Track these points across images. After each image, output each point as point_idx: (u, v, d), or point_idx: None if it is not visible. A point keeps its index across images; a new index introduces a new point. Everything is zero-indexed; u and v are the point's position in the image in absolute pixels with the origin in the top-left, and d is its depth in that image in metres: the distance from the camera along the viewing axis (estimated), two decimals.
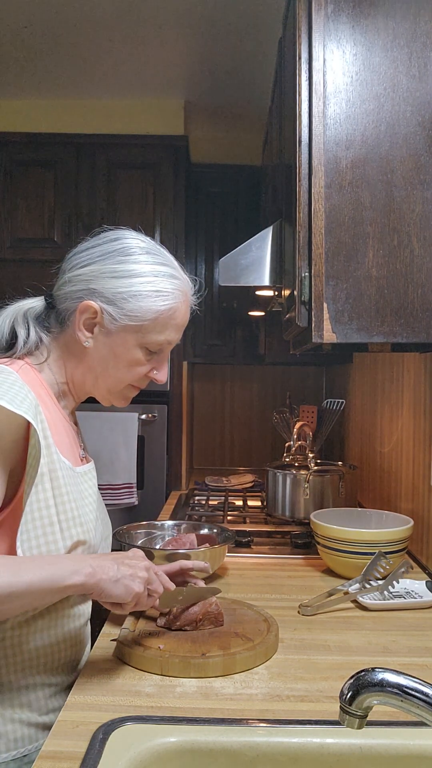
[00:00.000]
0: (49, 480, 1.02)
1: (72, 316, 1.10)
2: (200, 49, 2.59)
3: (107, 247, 1.11)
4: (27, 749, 1.03)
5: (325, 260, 1.30)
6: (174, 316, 1.12)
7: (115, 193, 2.95)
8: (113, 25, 2.41)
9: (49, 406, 1.09)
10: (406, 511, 1.83)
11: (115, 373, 1.13)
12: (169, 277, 1.11)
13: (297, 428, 2.35)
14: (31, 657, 1.04)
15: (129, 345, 1.10)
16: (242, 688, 1.03)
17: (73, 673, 1.13)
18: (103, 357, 1.11)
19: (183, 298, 1.13)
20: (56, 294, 1.13)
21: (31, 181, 2.94)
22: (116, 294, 1.08)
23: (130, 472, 2.83)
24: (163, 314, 1.10)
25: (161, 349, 1.15)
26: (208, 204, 3.21)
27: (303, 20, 1.32)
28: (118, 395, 1.16)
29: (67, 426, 1.15)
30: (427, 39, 1.30)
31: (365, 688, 0.66)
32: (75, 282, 1.10)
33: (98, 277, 1.08)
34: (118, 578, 0.99)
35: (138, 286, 1.08)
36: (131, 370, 1.13)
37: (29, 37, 2.50)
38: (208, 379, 3.61)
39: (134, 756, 0.83)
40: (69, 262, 1.13)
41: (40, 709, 1.05)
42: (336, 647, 1.20)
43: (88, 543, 1.08)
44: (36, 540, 1.00)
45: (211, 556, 1.52)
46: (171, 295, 1.10)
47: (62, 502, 1.03)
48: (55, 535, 1.01)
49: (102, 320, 1.09)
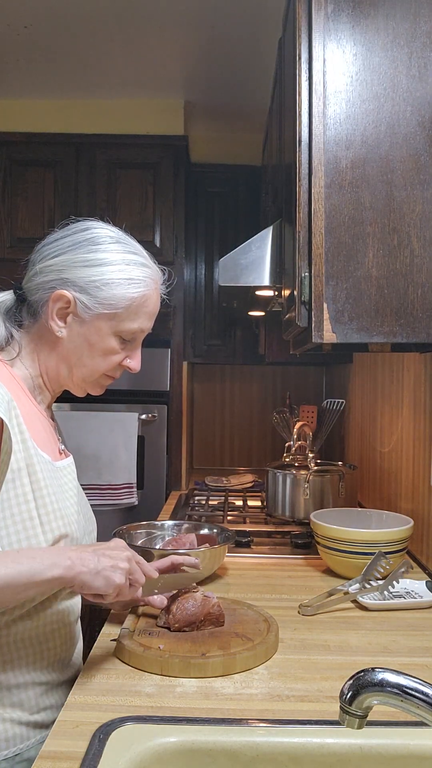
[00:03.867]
0: (27, 474, 1.02)
1: (44, 307, 1.10)
2: (200, 49, 2.59)
3: (77, 237, 1.12)
4: (19, 748, 1.02)
5: (325, 260, 1.30)
6: (146, 304, 1.13)
7: (115, 193, 2.95)
8: (113, 25, 2.41)
9: (23, 402, 1.08)
10: (406, 511, 1.83)
11: (90, 362, 1.13)
12: (140, 265, 1.13)
13: (297, 428, 2.35)
14: (20, 655, 1.04)
15: (103, 333, 1.11)
16: (242, 688, 1.03)
17: (65, 671, 1.12)
18: (78, 346, 1.12)
19: (154, 286, 1.15)
20: (26, 286, 1.14)
21: (31, 181, 2.94)
22: (89, 282, 1.09)
23: (130, 472, 2.83)
24: (135, 301, 1.11)
25: (134, 338, 1.16)
26: (208, 204, 3.21)
27: (303, 20, 1.32)
28: (94, 384, 1.17)
29: (44, 421, 1.14)
30: (427, 39, 1.30)
31: (365, 688, 0.66)
32: (46, 272, 1.10)
33: (70, 267, 1.09)
34: (98, 570, 0.98)
35: (110, 274, 1.09)
36: (106, 359, 1.13)
37: (29, 37, 2.50)
38: (208, 379, 3.61)
39: (134, 756, 0.83)
40: (39, 253, 1.14)
41: (31, 708, 1.05)
42: (336, 647, 1.20)
43: (70, 536, 1.07)
44: (16, 535, 1.00)
45: (211, 556, 1.52)
46: (143, 282, 1.12)
47: (41, 496, 1.03)
48: (35, 529, 1.01)
49: (75, 309, 1.09)
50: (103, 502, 2.77)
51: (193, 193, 3.17)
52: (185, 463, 3.11)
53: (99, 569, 0.98)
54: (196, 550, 1.48)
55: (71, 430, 2.80)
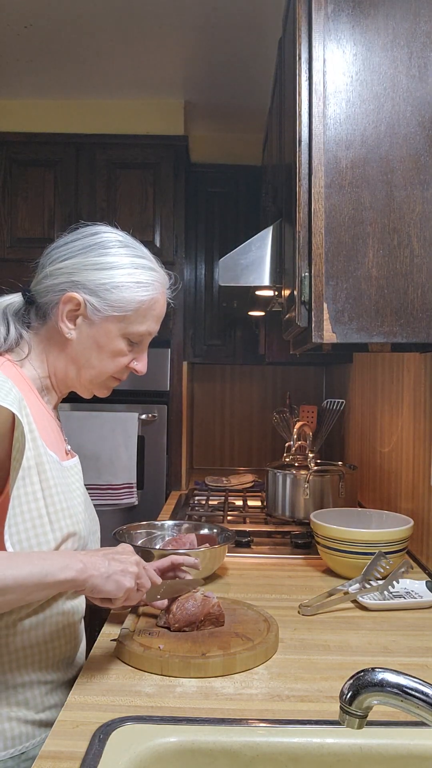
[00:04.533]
0: (36, 473, 1.03)
1: (54, 309, 1.12)
2: (200, 49, 2.59)
3: (87, 241, 1.13)
4: (24, 747, 1.03)
5: (325, 260, 1.30)
6: (154, 307, 1.15)
7: (115, 193, 2.95)
8: (113, 25, 2.41)
9: (32, 401, 1.09)
10: (406, 511, 1.84)
11: (99, 364, 1.15)
12: (147, 269, 1.15)
13: (297, 428, 2.35)
14: (25, 654, 1.04)
15: (112, 335, 1.13)
16: (242, 688, 1.03)
17: (69, 670, 1.13)
18: (86, 348, 1.13)
19: (161, 290, 1.17)
20: (36, 289, 1.15)
21: (31, 181, 2.94)
22: (99, 285, 1.10)
23: (130, 472, 2.83)
24: (144, 304, 1.13)
25: (141, 340, 1.17)
26: (208, 204, 3.21)
27: (303, 20, 1.32)
28: (101, 386, 1.19)
29: (51, 421, 1.16)
30: (427, 39, 1.30)
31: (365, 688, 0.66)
32: (56, 275, 1.12)
33: (80, 270, 1.11)
34: (109, 574, 1.00)
35: (119, 277, 1.11)
36: (114, 361, 1.15)
37: (29, 37, 2.50)
38: (208, 379, 3.61)
39: (134, 756, 0.83)
40: (48, 256, 1.15)
41: (36, 706, 1.05)
42: (336, 647, 1.20)
43: (78, 534, 1.08)
44: (25, 533, 1.00)
45: (211, 556, 1.52)
46: (151, 286, 1.14)
47: (50, 494, 1.04)
48: (44, 527, 1.02)
49: (85, 311, 1.11)
50: (103, 502, 2.77)
51: (193, 193, 3.17)
52: (185, 463, 3.11)
53: (110, 573, 1.00)
54: (196, 550, 1.48)
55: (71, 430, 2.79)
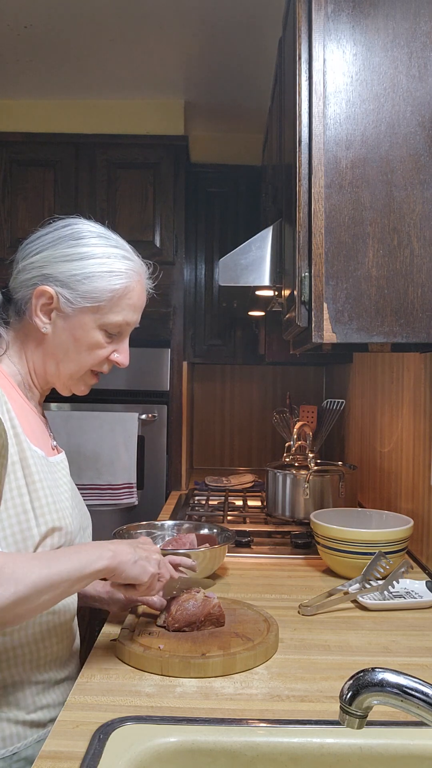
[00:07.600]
0: (20, 468, 1.03)
1: (28, 304, 1.11)
2: (200, 49, 2.59)
3: (58, 233, 1.12)
4: (16, 747, 1.03)
5: (325, 260, 1.30)
6: (129, 296, 1.14)
7: (115, 193, 2.95)
8: (113, 25, 2.41)
9: (14, 398, 1.09)
10: (406, 511, 1.84)
11: (77, 357, 1.14)
12: (121, 258, 1.13)
13: (297, 428, 2.35)
14: (15, 654, 1.04)
15: (88, 327, 1.12)
16: (242, 688, 1.03)
17: (62, 670, 1.12)
18: (63, 342, 1.12)
19: (137, 278, 1.15)
20: (11, 285, 1.15)
21: (31, 181, 2.94)
22: (70, 277, 1.09)
23: (130, 472, 2.83)
24: (117, 293, 1.12)
25: (120, 332, 1.16)
26: (208, 204, 3.21)
27: (303, 20, 1.31)
28: (79, 381, 1.17)
29: (35, 417, 1.15)
30: (427, 39, 1.30)
31: (365, 688, 0.66)
32: (28, 270, 1.11)
33: (51, 262, 1.10)
34: (135, 560, 1.06)
35: (91, 267, 1.10)
36: (92, 354, 1.14)
37: (29, 37, 2.50)
38: (208, 379, 3.61)
39: (134, 756, 0.83)
40: (22, 251, 1.15)
41: (27, 707, 1.05)
42: (336, 647, 1.20)
43: (64, 530, 1.08)
44: (10, 528, 1.01)
45: (211, 556, 1.52)
46: (124, 274, 1.12)
47: (35, 489, 1.04)
48: (29, 522, 1.02)
49: (58, 304, 1.10)
50: (103, 502, 2.77)
51: (193, 193, 3.17)
52: (185, 463, 3.11)
53: (136, 559, 1.06)
54: (196, 550, 1.48)
55: (71, 430, 2.80)
